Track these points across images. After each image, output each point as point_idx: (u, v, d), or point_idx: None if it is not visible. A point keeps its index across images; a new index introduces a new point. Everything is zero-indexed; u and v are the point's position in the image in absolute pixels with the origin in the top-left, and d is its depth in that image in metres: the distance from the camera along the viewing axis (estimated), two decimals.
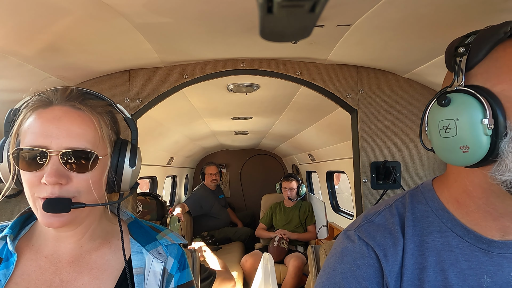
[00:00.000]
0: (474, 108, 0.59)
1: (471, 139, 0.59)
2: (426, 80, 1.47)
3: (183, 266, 0.84)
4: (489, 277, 0.64)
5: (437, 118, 0.64)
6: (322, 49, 1.33)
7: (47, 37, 0.99)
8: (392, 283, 0.66)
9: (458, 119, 0.61)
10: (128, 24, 0.99)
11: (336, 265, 0.72)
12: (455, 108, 0.62)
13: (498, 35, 0.59)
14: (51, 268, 0.74)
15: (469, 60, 0.62)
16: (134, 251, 0.80)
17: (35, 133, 0.67)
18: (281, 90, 1.92)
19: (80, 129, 0.69)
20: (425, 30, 1.01)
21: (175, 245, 0.85)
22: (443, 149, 0.65)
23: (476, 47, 0.61)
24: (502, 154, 0.57)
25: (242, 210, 5.62)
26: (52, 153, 0.66)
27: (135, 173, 0.79)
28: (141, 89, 1.48)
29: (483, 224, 0.66)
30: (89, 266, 0.76)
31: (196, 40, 1.21)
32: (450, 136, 0.62)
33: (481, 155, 0.59)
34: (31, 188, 0.68)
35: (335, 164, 3.25)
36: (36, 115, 0.69)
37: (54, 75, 1.27)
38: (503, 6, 0.82)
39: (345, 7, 0.91)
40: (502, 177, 0.58)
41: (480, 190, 0.64)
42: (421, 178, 1.51)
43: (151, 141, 2.85)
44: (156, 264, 0.79)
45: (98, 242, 0.80)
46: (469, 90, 0.60)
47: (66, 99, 0.71)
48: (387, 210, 0.74)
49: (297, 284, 3.28)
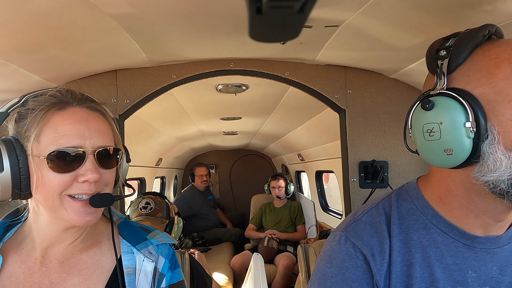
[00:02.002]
0: (457, 112, 0.60)
1: (455, 142, 0.61)
2: (412, 80, 1.50)
3: (174, 265, 0.84)
4: (474, 272, 0.66)
5: (421, 122, 0.66)
6: (311, 50, 1.34)
7: (31, 36, 0.96)
8: (381, 281, 0.67)
9: (442, 123, 0.62)
10: (115, 23, 0.97)
11: (326, 269, 0.73)
12: (438, 112, 0.63)
13: (477, 39, 0.61)
14: (41, 269, 0.74)
15: (450, 63, 0.63)
16: (125, 251, 0.80)
17: (68, 135, 0.68)
18: (270, 90, 1.92)
19: (105, 129, 0.74)
20: (411, 31, 1.02)
21: (166, 245, 0.85)
22: (428, 152, 0.66)
23: (457, 51, 0.62)
24: (484, 155, 0.59)
25: (231, 211, 5.60)
26: (88, 153, 0.69)
27: (127, 169, 0.86)
28: (128, 89, 1.47)
29: (465, 221, 0.67)
30: (79, 266, 0.76)
31: (184, 40, 1.20)
32: (435, 139, 0.63)
33: (464, 157, 0.60)
34: (59, 188, 0.68)
35: (324, 164, 3.27)
36: (57, 116, 0.69)
37: (39, 75, 1.25)
38: (485, 8, 0.84)
39: (333, 8, 0.92)
40: (485, 178, 0.59)
41: (462, 189, 0.66)
42: (408, 177, 1.53)
43: (139, 142, 2.82)
44: (147, 264, 0.79)
45: (89, 243, 0.80)
46: (452, 94, 0.61)
47: (82, 101, 0.74)
48: (373, 209, 0.76)
49: (287, 283, 3.29)
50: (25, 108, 0.70)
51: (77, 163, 0.68)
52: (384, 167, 1.51)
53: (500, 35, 0.64)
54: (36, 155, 0.68)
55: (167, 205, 1.92)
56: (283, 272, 3.27)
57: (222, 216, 4.96)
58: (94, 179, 0.69)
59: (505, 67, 0.58)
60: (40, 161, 0.67)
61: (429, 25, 0.97)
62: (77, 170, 0.68)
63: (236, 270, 3.48)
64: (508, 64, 0.57)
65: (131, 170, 3.32)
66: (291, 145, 3.80)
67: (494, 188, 0.59)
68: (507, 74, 0.57)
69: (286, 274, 3.27)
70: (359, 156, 1.52)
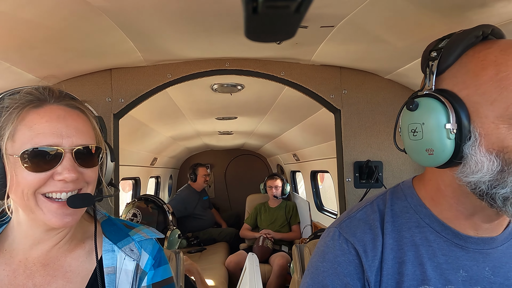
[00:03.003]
0: (438, 113, 0.61)
1: (435, 143, 0.62)
2: (406, 81, 1.51)
3: (159, 262, 0.81)
4: (465, 272, 0.66)
5: (407, 121, 0.67)
6: (306, 50, 1.34)
7: (24, 35, 0.95)
8: (372, 277, 0.68)
9: (424, 123, 0.63)
10: (110, 22, 0.97)
11: (319, 264, 0.73)
12: (421, 113, 0.64)
13: (469, 40, 0.61)
14: (25, 272, 0.72)
15: (440, 65, 0.64)
16: (106, 250, 0.78)
17: (44, 133, 0.66)
18: (266, 90, 1.92)
19: (85, 127, 0.72)
20: (406, 32, 1.03)
21: (151, 241, 0.82)
22: (412, 151, 0.68)
23: (447, 52, 0.63)
24: (466, 157, 0.60)
25: (226, 211, 5.59)
26: (66, 151, 0.67)
27: (112, 168, 0.84)
28: (123, 88, 1.46)
29: (456, 222, 0.68)
30: (63, 269, 0.75)
31: (180, 39, 1.19)
32: (418, 139, 0.65)
33: (446, 158, 0.61)
34: (32, 186, 0.66)
35: (319, 164, 3.28)
36: (33, 114, 0.68)
37: (32, 74, 1.23)
38: (483, 7, 0.84)
39: (328, 9, 0.92)
40: (467, 179, 0.60)
41: (450, 190, 0.66)
42: (403, 177, 1.54)
43: (134, 142, 2.81)
44: (128, 263, 0.77)
45: (74, 244, 0.78)
46: (435, 94, 0.62)
47: (60, 98, 0.72)
48: (368, 206, 0.76)
49: (282, 283, 3.30)
50: (0, 106, 0.68)
51: (53, 162, 0.67)
52: (378, 167, 1.51)
53: (499, 35, 0.64)
54: (10, 154, 0.66)
55: (159, 216, 1.73)
56: (278, 272, 3.27)
57: (217, 216, 4.95)
58: (71, 179, 0.67)
59: (490, 69, 0.58)
60: (15, 160, 0.66)
61: (424, 26, 0.97)
62: (54, 169, 0.67)
63: (231, 270, 3.48)
64: (493, 67, 0.58)
65: (126, 169, 3.30)
66: (286, 145, 3.81)
67: (475, 189, 0.60)
68: (491, 76, 0.57)
69: (281, 274, 3.28)
70: (354, 156, 1.53)
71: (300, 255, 1.45)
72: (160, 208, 1.79)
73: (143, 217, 1.71)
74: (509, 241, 0.69)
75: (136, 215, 1.70)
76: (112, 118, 1.45)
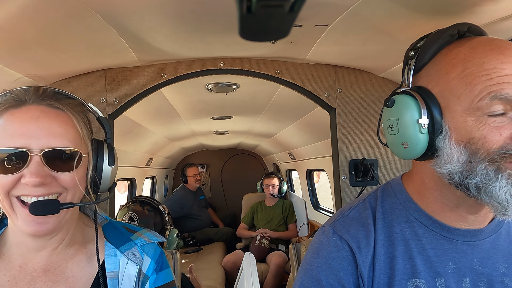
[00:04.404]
0: (411, 109, 0.65)
1: (408, 137, 0.66)
2: (399, 79, 1.51)
3: (161, 266, 0.81)
4: (454, 264, 0.68)
5: (386, 117, 0.72)
6: (301, 49, 1.34)
7: (16, 36, 0.95)
8: (365, 272, 0.70)
9: (399, 119, 0.68)
10: (103, 22, 0.96)
11: (313, 259, 0.75)
12: (397, 109, 0.68)
13: (444, 39, 0.65)
14: (26, 278, 0.71)
15: (416, 63, 0.68)
16: (108, 254, 0.77)
17: (12, 134, 0.65)
18: (261, 89, 1.92)
19: (61, 128, 0.68)
20: (400, 31, 1.03)
21: (153, 245, 0.82)
22: (391, 145, 0.72)
23: (423, 51, 0.67)
24: (439, 149, 0.63)
25: (223, 210, 5.59)
26: (33, 154, 0.64)
27: (114, 172, 0.78)
28: (118, 89, 1.45)
29: (442, 214, 0.70)
30: (65, 275, 0.73)
31: (174, 39, 1.19)
32: (394, 134, 0.69)
33: (420, 151, 0.65)
34: (3, 189, 0.64)
35: (315, 162, 3.29)
36: (9, 115, 0.66)
37: (26, 75, 1.22)
38: (473, 9, 0.85)
39: (322, 8, 0.92)
40: (441, 170, 0.63)
41: (433, 182, 0.69)
42: (397, 174, 1.55)
43: (129, 142, 2.80)
44: (131, 267, 0.76)
45: (74, 249, 0.77)
46: (410, 91, 0.66)
47: (41, 98, 0.69)
48: (360, 204, 0.78)
49: (279, 282, 3.31)
50: None
51: (20, 164, 0.64)
52: (374, 165, 1.52)
53: (476, 32, 0.66)
54: None
55: (156, 217, 1.73)
56: (275, 271, 3.28)
57: (214, 216, 4.94)
58: (34, 183, 0.63)
59: (458, 67, 0.61)
60: None
61: (418, 25, 0.98)
62: (21, 172, 0.64)
63: (228, 270, 3.48)
64: (461, 64, 0.61)
65: (121, 170, 3.28)
66: (282, 144, 3.81)
67: (450, 180, 0.63)
68: (459, 72, 0.61)
69: (278, 273, 3.29)
70: (350, 154, 1.54)
71: (296, 253, 1.45)
72: (156, 210, 1.78)
73: (140, 221, 1.70)
74: (496, 232, 0.71)
75: (132, 219, 1.68)
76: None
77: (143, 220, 1.70)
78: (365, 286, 0.69)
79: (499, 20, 0.88)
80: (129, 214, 1.69)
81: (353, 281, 0.70)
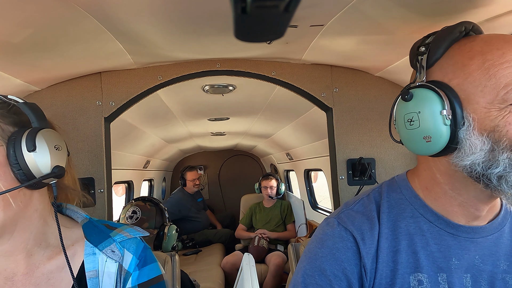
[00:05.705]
0: (434, 101, 0.64)
1: (432, 129, 0.65)
2: (395, 78, 1.52)
3: (144, 262, 0.78)
4: (457, 260, 0.69)
5: (402, 112, 0.70)
6: (297, 49, 1.34)
7: (11, 39, 0.94)
8: (368, 264, 0.70)
9: (420, 112, 0.66)
10: (98, 24, 0.96)
11: (317, 250, 0.75)
12: (417, 102, 0.67)
13: (454, 35, 0.66)
14: (7, 283, 0.69)
15: (429, 58, 0.68)
16: (87, 253, 0.75)
17: None
18: (257, 90, 1.92)
19: None
20: (395, 30, 1.04)
21: (134, 240, 0.79)
22: (409, 141, 0.70)
23: (435, 46, 0.67)
24: (461, 141, 0.63)
25: (221, 212, 5.58)
26: None
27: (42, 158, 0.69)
28: (114, 91, 1.44)
29: (449, 209, 0.70)
30: (45, 276, 0.72)
31: (169, 41, 1.19)
32: (414, 128, 0.68)
33: (443, 144, 0.64)
34: None
35: (313, 162, 3.29)
36: None
37: (20, 79, 1.22)
38: (465, 6, 0.86)
39: (317, 8, 0.92)
40: (462, 162, 0.63)
41: (446, 177, 0.69)
42: (395, 173, 1.54)
43: (126, 145, 2.79)
44: (110, 265, 0.74)
45: (50, 250, 0.75)
46: (429, 85, 0.66)
47: None
48: (365, 198, 0.79)
49: (278, 282, 3.30)
50: None
51: None
52: (371, 164, 1.53)
53: (478, 31, 0.68)
54: None
55: (157, 212, 1.81)
56: (274, 271, 3.28)
57: (212, 218, 4.93)
58: None
59: (477, 59, 0.62)
60: None
61: (412, 25, 0.98)
62: None
63: (227, 271, 3.48)
64: (480, 56, 0.62)
65: (118, 173, 3.27)
66: (279, 144, 3.82)
67: (471, 172, 0.63)
68: (479, 65, 0.61)
69: (277, 273, 3.28)
70: (347, 154, 1.54)
71: (295, 253, 1.45)
72: (157, 205, 1.87)
73: (143, 213, 1.77)
74: (499, 231, 0.72)
75: (135, 212, 1.75)
76: (103, 121, 1.44)
77: (145, 212, 1.78)
78: (368, 277, 0.70)
79: (493, 18, 0.89)
80: (132, 208, 1.77)
81: (356, 271, 0.71)
